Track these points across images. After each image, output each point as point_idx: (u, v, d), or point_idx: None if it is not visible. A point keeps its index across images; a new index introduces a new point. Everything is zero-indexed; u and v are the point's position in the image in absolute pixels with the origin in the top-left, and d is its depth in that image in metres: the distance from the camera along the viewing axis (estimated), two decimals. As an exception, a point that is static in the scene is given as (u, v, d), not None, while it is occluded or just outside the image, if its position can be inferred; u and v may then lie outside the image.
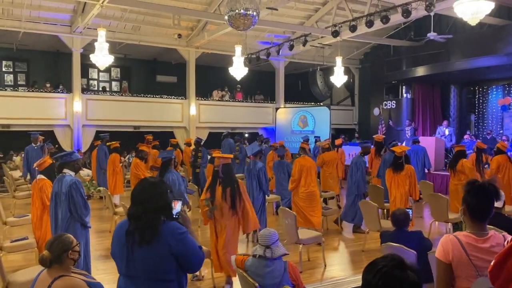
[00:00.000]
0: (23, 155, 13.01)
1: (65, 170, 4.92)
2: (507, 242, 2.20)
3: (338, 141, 13.51)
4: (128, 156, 15.20)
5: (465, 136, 14.58)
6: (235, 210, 5.07)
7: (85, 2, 12.26)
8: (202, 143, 12.23)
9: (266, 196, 7.62)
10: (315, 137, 14.57)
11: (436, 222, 7.99)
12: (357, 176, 8.09)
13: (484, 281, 2.12)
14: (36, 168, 5.68)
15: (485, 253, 2.27)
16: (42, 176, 5.48)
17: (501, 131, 15.33)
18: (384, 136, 12.53)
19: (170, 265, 2.44)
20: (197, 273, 5.53)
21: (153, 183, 2.56)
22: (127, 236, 2.44)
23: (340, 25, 12.75)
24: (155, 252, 2.40)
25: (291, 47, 14.80)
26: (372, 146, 12.21)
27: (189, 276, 5.03)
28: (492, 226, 4.66)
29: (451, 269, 2.33)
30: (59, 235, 3.03)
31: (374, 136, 11.93)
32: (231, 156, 5.60)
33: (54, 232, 4.79)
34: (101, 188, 10.43)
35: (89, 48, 13.27)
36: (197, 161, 11.48)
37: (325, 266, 6.16)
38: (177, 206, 2.62)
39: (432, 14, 11.09)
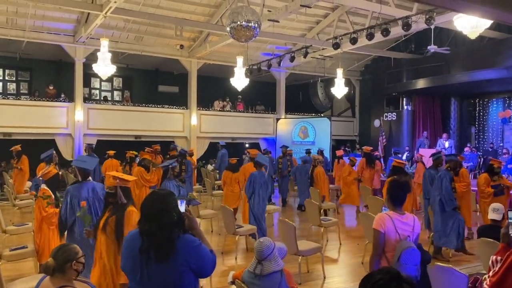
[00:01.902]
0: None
1: (90, 178, 5.14)
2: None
3: (339, 153, 13.59)
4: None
5: (466, 149, 14.60)
6: (118, 242, 3.71)
7: (89, 13, 12.39)
8: (186, 154, 11.02)
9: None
10: (319, 149, 14.35)
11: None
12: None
13: (404, 242, 3.35)
14: (40, 178, 5.72)
15: (405, 226, 3.41)
16: (45, 186, 5.51)
17: (501, 144, 15.35)
18: (371, 148, 12.68)
19: (188, 278, 2.38)
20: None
21: (164, 195, 2.44)
22: (142, 253, 2.33)
23: (341, 37, 12.85)
24: (173, 268, 2.33)
25: (292, 59, 14.89)
26: (362, 157, 12.41)
27: None
28: (491, 239, 4.68)
29: (384, 236, 3.38)
30: (65, 244, 3.01)
31: (363, 148, 12.15)
32: (133, 178, 4.39)
33: (79, 237, 4.74)
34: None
35: (92, 57, 13.37)
36: (181, 174, 10.26)
37: (324, 278, 6.14)
38: (181, 206, 2.53)
39: (432, 27, 11.19)
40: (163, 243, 2.30)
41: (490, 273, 2.12)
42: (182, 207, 2.52)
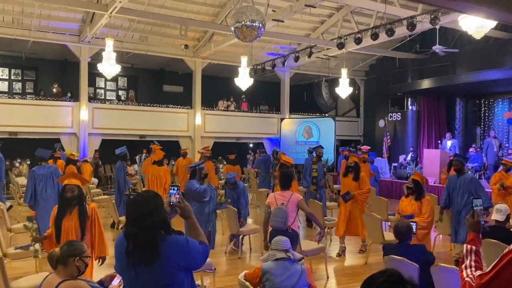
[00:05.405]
0: (28, 162, 13.12)
1: None
2: None
3: (343, 153, 13.59)
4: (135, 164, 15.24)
5: (471, 149, 14.51)
6: None
7: (94, 12, 12.45)
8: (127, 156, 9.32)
9: None
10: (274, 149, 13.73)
11: (441, 236, 7.94)
12: None
13: (278, 206, 5.01)
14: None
15: (283, 197, 5.32)
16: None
17: (506, 145, 15.25)
18: (369, 147, 12.74)
19: (178, 277, 2.38)
20: (199, 283, 5.52)
21: (147, 198, 2.41)
22: (128, 255, 2.33)
23: (345, 37, 12.82)
24: (160, 269, 2.31)
25: (296, 59, 14.88)
26: (360, 155, 12.45)
27: None
28: (495, 240, 4.66)
29: (270, 207, 5.24)
30: (74, 241, 3.13)
31: (362, 147, 12.24)
32: None
33: None
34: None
35: (97, 57, 13.42)
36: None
37: (328, 278, 6.14)
38: (171, 196, 2.49)
39: (437, 27, 11.14)
40: (146, 246, 2.30)
41: (468, 267, 2.08)
42: (173, 197, 2.50)
